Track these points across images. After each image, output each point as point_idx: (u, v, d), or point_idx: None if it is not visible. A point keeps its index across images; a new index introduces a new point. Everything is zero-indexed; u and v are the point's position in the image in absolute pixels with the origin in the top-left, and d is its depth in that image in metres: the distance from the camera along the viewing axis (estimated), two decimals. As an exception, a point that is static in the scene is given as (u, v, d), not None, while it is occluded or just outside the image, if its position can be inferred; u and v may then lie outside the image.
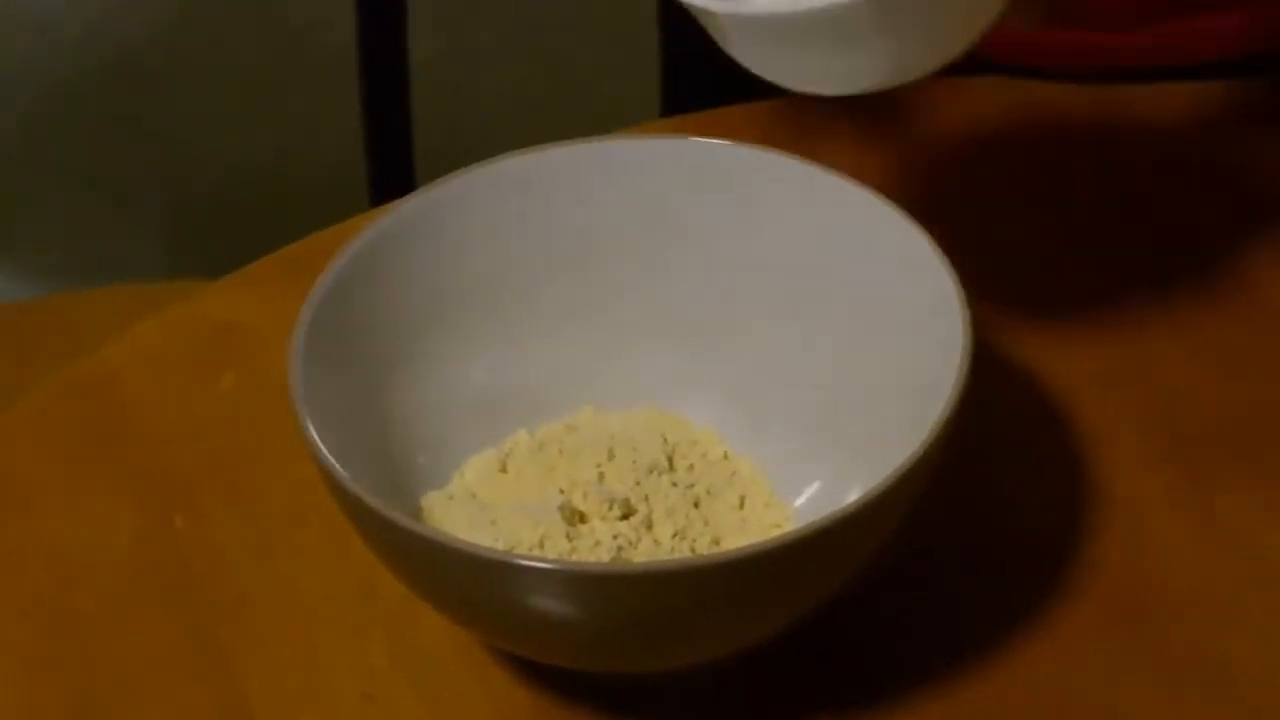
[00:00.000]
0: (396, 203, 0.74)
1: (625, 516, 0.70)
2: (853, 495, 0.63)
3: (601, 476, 0.71)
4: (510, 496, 0.71)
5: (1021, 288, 0.83)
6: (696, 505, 0.71)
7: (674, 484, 0.71)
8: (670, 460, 0.72)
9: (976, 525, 0.74)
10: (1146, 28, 0.92)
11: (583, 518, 0.70)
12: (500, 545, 0.68)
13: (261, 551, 0.75)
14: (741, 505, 0.72)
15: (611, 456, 0.72)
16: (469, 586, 0.63)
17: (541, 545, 0.68)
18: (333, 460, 0.64)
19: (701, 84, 0.97)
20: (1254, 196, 0.87)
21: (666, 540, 0.69)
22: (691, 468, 0.73)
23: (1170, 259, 0.85)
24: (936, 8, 0.67)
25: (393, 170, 1.30)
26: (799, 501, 0.72)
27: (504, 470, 0.73)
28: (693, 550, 0.69)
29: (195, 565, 0.75)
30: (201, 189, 2.01)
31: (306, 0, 2.14)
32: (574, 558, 0.68)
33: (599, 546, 0.68)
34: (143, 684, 0.71)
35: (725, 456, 0.73)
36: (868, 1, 0.64)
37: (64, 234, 1.99)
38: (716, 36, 0.70)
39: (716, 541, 0.70)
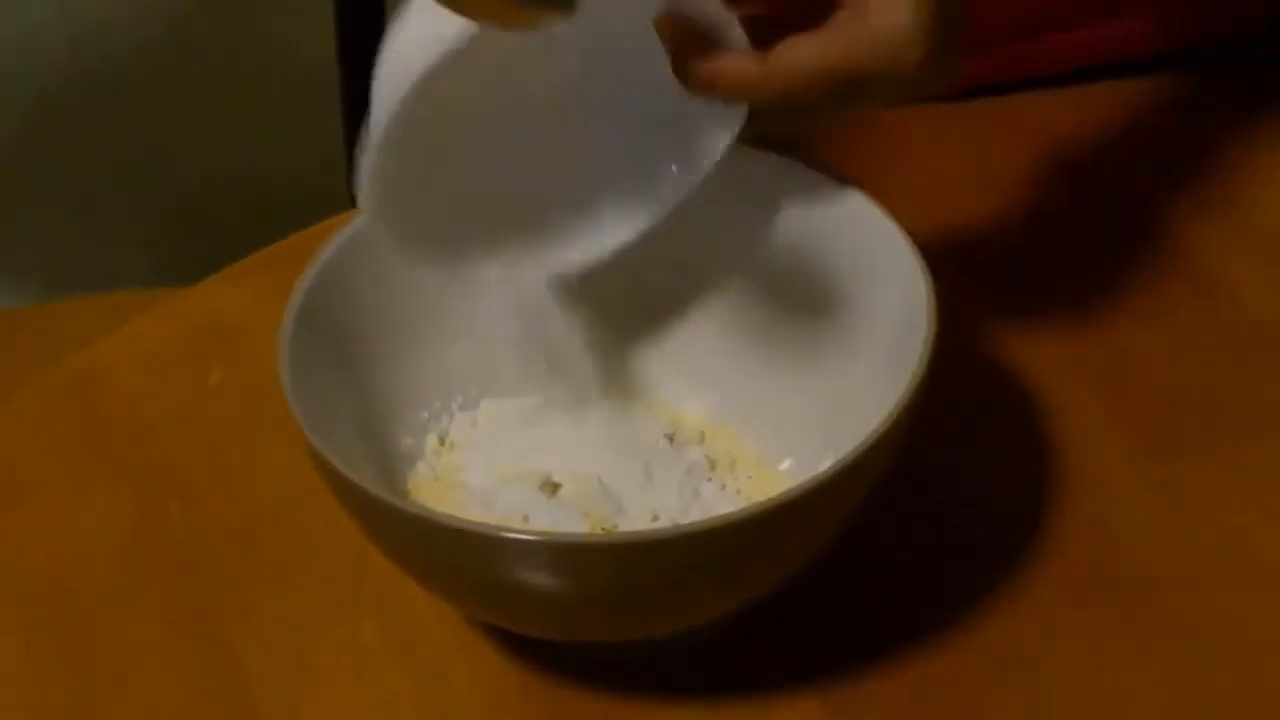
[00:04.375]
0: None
1: (606, 493, 0.71)
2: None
3: (585, 455, 0.73)
4: (495, 475, 0.73)
5: (990, 274, 0.85)
6: (676, 479, 0.73)
7: (654, 461, 0.73)
8: (653, 439, 0.74)
9: (946, 500, 0.76)
10: (1039, 38, 0.94)
11: (565, 493, 0.71)
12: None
13: (254, 535, 0.77)
14: (720, 479, 0.74)
15: (596, 436, 0.74)
16: (456, 561, 0.65)
17: (526, 520, 0.70)
18: (322, 442, 0.65)
19: None
20: (1206, 186, 0.89)
21: (647, 513, 0.71)
22: (671, 445, 0.74)
23: (1130, 246, 0.87)
24: None
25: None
26: (775, 475, 0.74)
27: (489, 451, 0.74)
28: (673, 522, 0.71)
29: (190, 550, 0.77)
30: (185, 201, 2.01)
31: (287, 13, 2.14)
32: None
33: (581, 520, 0.70)
34: (141, 666, 0.73)
35: (703, 437, 0.75)
36: None
37: (49, 245, 1.99)
38: None
39: (695, 513, 0.71)
